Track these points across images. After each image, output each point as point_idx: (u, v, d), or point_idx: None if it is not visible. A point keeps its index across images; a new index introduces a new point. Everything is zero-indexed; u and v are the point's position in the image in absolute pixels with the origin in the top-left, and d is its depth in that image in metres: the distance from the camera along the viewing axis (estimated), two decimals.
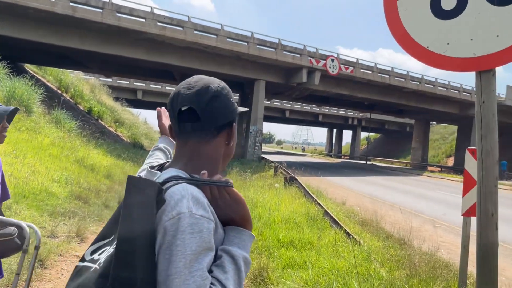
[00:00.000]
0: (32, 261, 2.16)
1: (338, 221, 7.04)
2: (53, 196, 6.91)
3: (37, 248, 2.09)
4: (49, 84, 22.17)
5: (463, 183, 3.85)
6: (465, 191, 3.80)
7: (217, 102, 1.11)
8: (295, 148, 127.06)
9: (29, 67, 23.67)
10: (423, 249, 5.65)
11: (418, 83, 30.07)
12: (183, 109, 1.08)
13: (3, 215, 2.17)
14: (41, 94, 12.91)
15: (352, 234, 6.09)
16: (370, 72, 27.70)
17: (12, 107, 2.23)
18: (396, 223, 7.73)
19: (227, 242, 1.04)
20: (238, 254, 1.01)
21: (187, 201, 0.94)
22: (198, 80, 1.16)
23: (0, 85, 11.49)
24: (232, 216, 1.06)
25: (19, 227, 2.05)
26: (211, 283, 0.92)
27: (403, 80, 29.33)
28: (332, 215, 7.50)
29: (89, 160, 10.89)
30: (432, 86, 30.89)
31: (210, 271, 0.95)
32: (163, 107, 1.51)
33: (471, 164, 3.76)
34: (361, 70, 27.20)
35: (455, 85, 32.38)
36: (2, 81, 11.80)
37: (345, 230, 6.32)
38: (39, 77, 21.82)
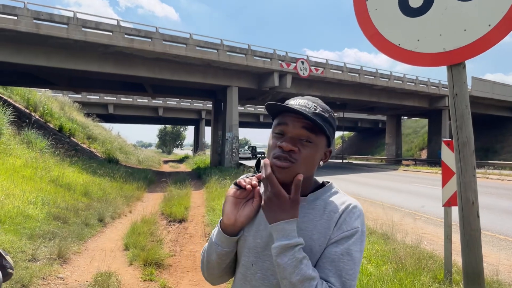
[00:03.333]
0: None
1: None
2: (31, 219, 6.71)
3: None
4: (17, 104, 21.56)
5: (442, 175, 3.95)
6: (444, 182, 3.91)
7: None
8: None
9: None
10: (406, 242, 5.76)
11: (387, 80, 30.73)
12: None
13: None
14: (9, 115, 12.55)
15: None
16: (340, 72, 28.13)
17: None
18: (378, 219, 7.85)
19: None
20: None
21: None
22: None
23: None
24: None
25: None
26: None
27: (373, 77, 29.91)
28: None
29: (64, 179, 10.63)
30: (401, 82, 31.62)
31: None
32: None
33: (448, 155, 3.87)
34: (331, 70, 27.60)
35: (423, 79, 33.26)
36: None
37: None
38: (6, 98, 21.17)
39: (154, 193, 14.08)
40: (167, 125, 78.68)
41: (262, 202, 1.16)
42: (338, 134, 69.87)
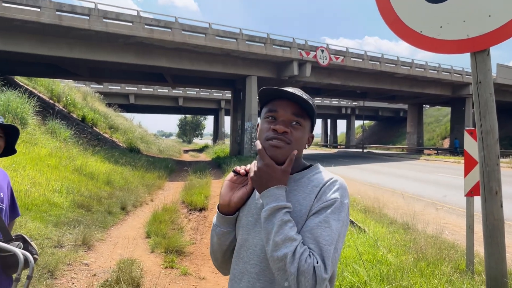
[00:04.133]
0: None
1: None
2: (56, 207, 6.90)
3: (29, 278, 2.04)
4: (41, 95, 22.05)
5: (464, 164, 3.89)
6: (467, 172, 3.84)
7: None
8: None
9: (19, 79, 23.53)
10: (427, 232, 5.70)
11: (409, 67, 30.16)
12: None
13: (9, 235, 2.13)
14: (34, 105, 12.84)
15: (356, 222, 6.13)
16: (361, 60, 27.73)
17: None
18: (398, 209, 7.79)
19: None
20: None
21: None
22: None
23: None
24: None
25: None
26: None
27: (394, 65, 29.40)
28: None
29: (87, 168, 10.87)
30: (423, 69, 30.98)
31: None
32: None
33: (471, 144, 3.80)
34: (352, 58, 27.23)
35: (446, 67, 32.50)
36: None
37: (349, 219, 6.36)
38: (31, 89, 21.67)
39: (175, 182, 14.26)
40: (187, 115, 79.24)
41: (252, 174, 1.28)
42: (358, 123, 69.30)
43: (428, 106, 51.62)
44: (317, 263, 1.12)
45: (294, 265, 1.12)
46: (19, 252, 1.94)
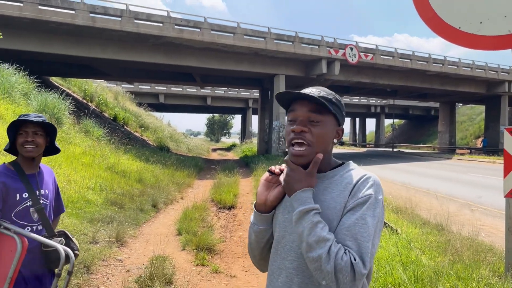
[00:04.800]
0: (63, 286, 2.19)
1: None
2: (90, 203, 7.10)
3: (69, 273, 2.11)
4: (75, 95, 22.71)
5: (504, 164, 3.76)
6: (506, 172, 3.72)
7: None
8: None
9: (54, 79, 24.30)
10: (462, 233, 5.55)
11: (441, 65, 29.38)
12: None
13: (52, 231, 2.20)
14: (69, 105, 13.24)
15: (388, 223, 6.03)
16: (391, 57, 27.23)
17: (32, 117, 2.13)
18: (431, 209, 7.61)
19: None
20: None
21: None
22: None
23: (30, 99, 11.84)
24: None
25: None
26: None
27: (425, 63, 28.71)
28: None
29: (119, 166, 11.12)
30: (456, 67, 30.12)
31: None
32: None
33: (510, 143, 3.67)
34: (382, 56, 26.77)
35: (480, 64, 31.48)
36: (33, 95, 12.16)
37: None
38: (65, 89, 22.36)
39: (204, 180, 14.41)
40: (215, 114, 79.84)
41: (281, 178, 1.35)
42: (388, 121, 68.16)
43: (461, 104, 50.14)
44: (355, 260, 1.15)
45: (331, 264, 1.15)
46: (61, 248, 2.00)
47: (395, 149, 46.17)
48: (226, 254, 5.82)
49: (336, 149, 47.78)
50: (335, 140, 1.37)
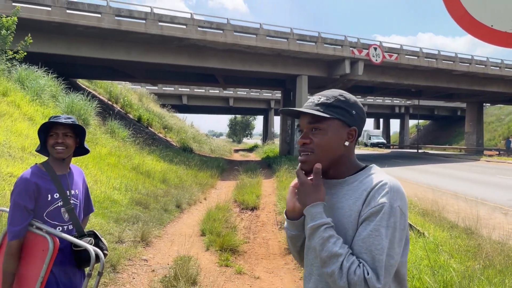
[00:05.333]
0: (94, 286, 2.22)
1: None
2: (116, 203, 7.22)
3: (100, 274, 2.13)
4: (101, 97, 23.16)
5: None
6: None
7: None
8: None
9: (81, 82, 24.83)
10: (493, 237, 5.39)
11: (468, 64, 28.67)
12: None
13: (82, 231, 2.23)
14: (95, 107, 13.50)
15: (415, 226, 5.91)
16: (416, 57, 26.72)
17: (62, 119, 2.16)
18: (459, 212, 7.42)
19: None
20: None
21: None
22: None
23: (59, 101, 12.13)
24: None
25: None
26: None
27: (452, 62, 28.07)
28: None
29: (144, 166, 11.27)
30: (483, 66, 29.33)
31: None
32: None
33: None
34: (406, 56, 26.30)
35: (509, 63, 30.57)
36: (61, 97, 12.46)
37: None
38: (91, 91, 22.82)
39: (227, 181, 14.46)
40: (237, 115, 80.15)
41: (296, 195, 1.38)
42: (412, 122, 67.04)
43: (489, 104, 48.80)
44: (368, 274, 1.14)
45: (343, 280, 1.15)
46: (91, 248, 2.03)
47: (420, 150, 45.30)
48: (249, 255, 5.82)
49: (360, 151, 47.27)
50: (346, 143, 1.33)
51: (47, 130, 2.15)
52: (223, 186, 13.29)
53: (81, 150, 2.33)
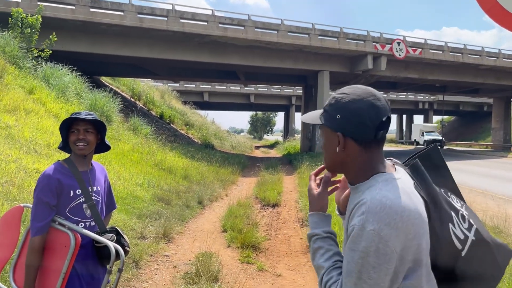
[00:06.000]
0: (114, 283, 2.22)
1: None
2: (139, 199, 7.29)
3: (120, 270, 2.12)
4: (124, 94, 23.49)
5: None
6: None
7: None
8: None
9: (104, 79, 25.24)
10: None
11: (495, 58, 27.87)
12: (384, 119, 1.21)
13: (104, 227, 2.23)
14: (118, 103, 13.68)
15: None
16: (441, 52, 26.13)
17: (83, 115, 2.15)
18: (487, 210, 7.20)
19: None
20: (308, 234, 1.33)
21: None
22: None
23: (83, 98, 12.34)
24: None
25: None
26: None
27: (478, 57, 27.34)
28: None
29: (166, 163, 11.36)
30: (511, 60, 28.46)
31: None
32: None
33: None
34: (430, 50, 25.74)
35: None
36: (84, 94, 12.67)
37: None
38: (114, 88, 23.19)
39: (248, 178, 14.46)
40: (258, 112, 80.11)
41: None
42: (436, 118, 65.67)
43: None
44: None
45: None
46: (111, 245, 2.02)
47: (444, 147, 44.36)
48: (271, 252, 5.79)
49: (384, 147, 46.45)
50: (337, 149, 1.23)
51: (68, 127, 2.16)
52: (244, 183, 13.29)
53: (103, 147, 2.33)
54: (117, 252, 2.04)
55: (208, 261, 4.62)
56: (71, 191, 2.12)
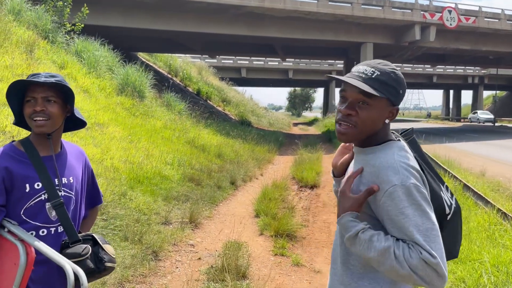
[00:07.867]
0: None
1: (484, 196, 5.82)
2: (167, 180, 6.79)
3: None
4: (160, 70, 23.19)
5: None
6: None
7: None
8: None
9: (141, 55, 25.02)
10: None
11: None
12: None
13: (75, 235, 1.62)
14: (151, 79, 13.24)
15: (510, 214, 4.90)
16: (497, 20, 24.03)
17: (42, 78, 1.52)
18: None
19: None
20: None
21: None
22: None
23: (114, 73, 11.97)
24: None
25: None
26: None
27: None
28: (475, 189, 6.27)
29: (199, 140, 10.86)
30: None
31: None
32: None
33: None
34: (485, 19, 23.70)
35: None
36: (117, 69, 12.30)
37: (499, 209, 5.13)
38: (151, 64, 22.92)
39: (285, 156, 13.80)
40: (296, 88, 78.72)
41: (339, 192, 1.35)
42: (486, 93, 62.05)
43: None
44: (421, 253, 1.14)
45: (406, 267, 1.14)
46: (69, 267, 1.41)
47: (496, 124, 41.66)
48: (308, 242, 5.15)
49: (427, 124, 44.47)
50: (387, 121, 1.32)
51: (22, 95, 1.54)
52: (280, 161, 12.65)
53: (76, 122, 1.70)
54: (76, 277, 1.43)
55: (236, 254, 4.03)
56: (27, 185, 1.51)
